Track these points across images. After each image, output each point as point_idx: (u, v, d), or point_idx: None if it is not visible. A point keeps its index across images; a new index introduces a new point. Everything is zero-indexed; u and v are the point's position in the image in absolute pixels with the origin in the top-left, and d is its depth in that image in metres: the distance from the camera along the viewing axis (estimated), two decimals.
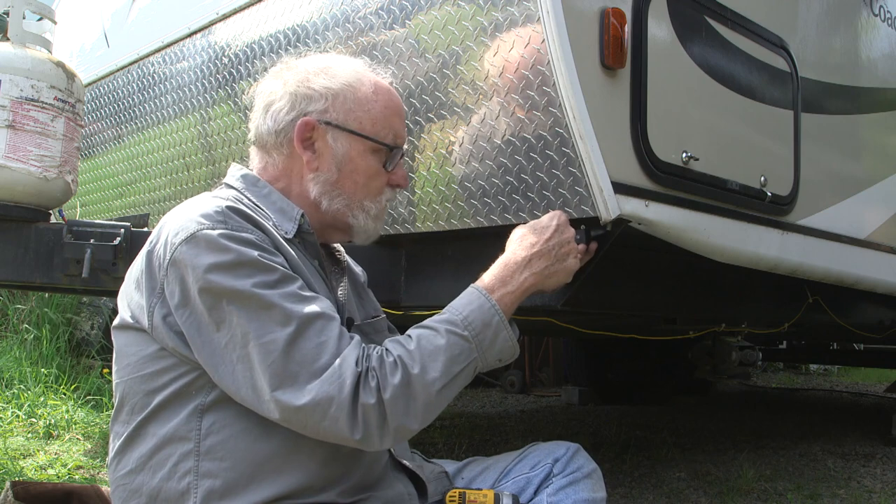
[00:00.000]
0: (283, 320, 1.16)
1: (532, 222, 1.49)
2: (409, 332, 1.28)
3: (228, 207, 1.23)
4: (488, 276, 1.36)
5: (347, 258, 1.57)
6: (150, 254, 1.24)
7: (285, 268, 1.22)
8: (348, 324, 1.36)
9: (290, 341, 1.15)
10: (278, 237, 1.27)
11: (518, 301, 1.36)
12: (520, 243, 1.43)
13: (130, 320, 1.26)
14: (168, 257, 1.19)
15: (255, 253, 1.19)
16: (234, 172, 1.40)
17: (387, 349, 1.23)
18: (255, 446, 1.20)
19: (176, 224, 1.22)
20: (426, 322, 1.29)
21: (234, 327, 1.16)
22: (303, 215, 1.34)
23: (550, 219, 1.48)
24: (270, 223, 1.29)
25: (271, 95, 1.39)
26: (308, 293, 1.22)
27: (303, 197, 1.38)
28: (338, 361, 1.16)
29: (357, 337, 1.23)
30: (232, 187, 1.37)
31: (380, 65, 1.96)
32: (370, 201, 1.40)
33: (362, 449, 1.22)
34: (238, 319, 1.16)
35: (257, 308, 1.16)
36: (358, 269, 1.63)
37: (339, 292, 1.42)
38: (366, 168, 1.39)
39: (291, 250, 1.28)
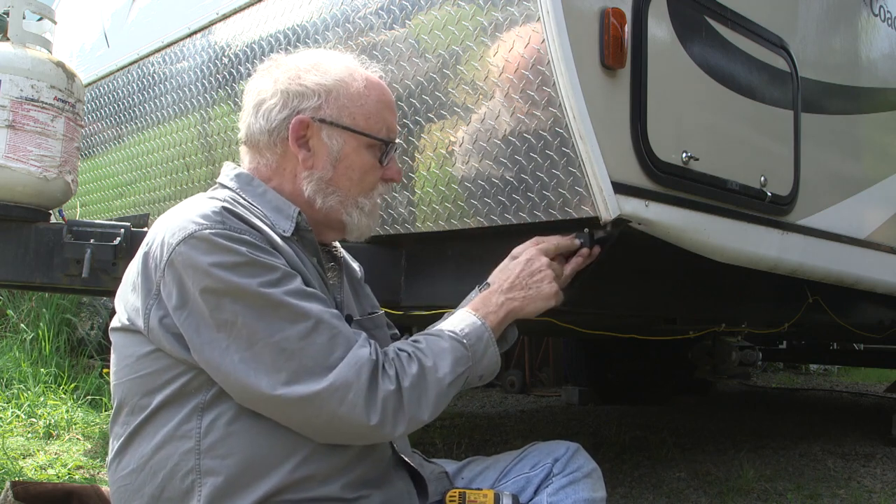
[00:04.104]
0: (293, 318, 1.17)
1: (513, 253, 1.55)
2: (414, 336, 1.35)
3: (224, 209, 1.23)
4: (475, 302, 1.45)
5: (344, 253, 1.57)
6: (146, 256, 1.24)
7: (285, 267, 1.22)
8: (347, 320, 1.36)
9: (303, 337, 1.16)
10: (275, 237, 1.26)
11: (502, 326, 1.44)
12: (499, 274, 1.51)
13: (126, 322, 1.26)
14: (165, 258, 1.18)
15: (255, 253, 1.19)
16: (228, 172, 1.39)
17: (399, 347, 1.29)
18: (256, 440, 1.20)
19: (172, 225, 1.21)
20: (428, 331, 1.37)
21: (238, 327, 1.15)
22: (300, 213, 1.33)
23: (520, 251, 1.55)
24: (267, 223, 1.28)
25: (261, 94, 1.38)
26: (311, 290, 1.23)
27: (295, 195, 1.37)
28: (352, 352, 1.19)
29: (364, 333, 1.27)
30: (226, 187, 1.36)
31: (379, 64, 1.97)
32: (364, 197, 1.41)
33: (372, 440, 1.24)
34: (244, 319, 1.15)
35: (264, 307, 1.16)
36: (355, 264, 1.62)
37: (337, 289, 1.42)
38: (361, 164, 1.39)
39: (289, 249, 1.27)
